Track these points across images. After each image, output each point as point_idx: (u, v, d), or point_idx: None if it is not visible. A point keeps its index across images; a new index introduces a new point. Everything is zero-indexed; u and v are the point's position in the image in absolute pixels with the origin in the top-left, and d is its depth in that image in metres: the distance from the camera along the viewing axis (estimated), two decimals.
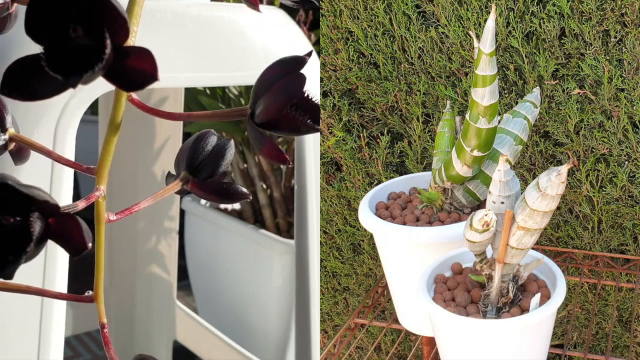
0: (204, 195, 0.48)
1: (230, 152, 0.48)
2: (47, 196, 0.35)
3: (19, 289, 0.45)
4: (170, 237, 1.57)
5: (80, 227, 0.36)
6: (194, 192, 0.48)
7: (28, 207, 0.35)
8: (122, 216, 0.44)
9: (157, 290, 1.56)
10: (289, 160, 0.40)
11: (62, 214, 0.36)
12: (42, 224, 0.35)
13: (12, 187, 0.33)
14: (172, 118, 0.43)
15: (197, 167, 0.47)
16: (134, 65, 0.34)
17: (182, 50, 0.77)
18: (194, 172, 0.48)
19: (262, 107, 0.40)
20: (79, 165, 0.43)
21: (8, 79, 0.35)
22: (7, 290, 0.44)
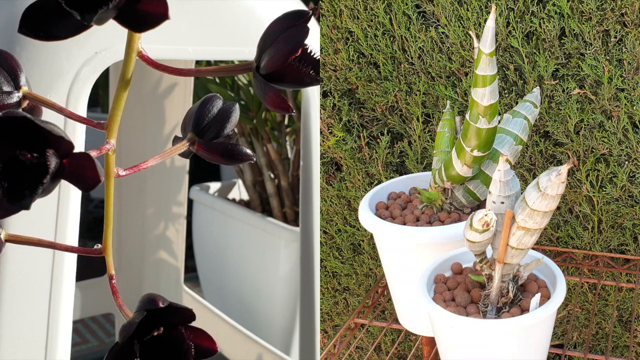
0: (209, 156, 0.49)
1: (235, 115, 0.49)
2: (62, 132, 0.36)
3: (30, 241, 0.46)
4: (179, 223, 1.59)
5: (95, 166, 0.37)
6: (199, 154, 0.49)
7: (44, 146, 0.36)
8: (131, 172, 0.45)
9: (165, 275, 1.58)
10: (292, 108, 0.41)
11: (77, 153, 0.37)
12: (57, 161, 0.36)
13: (31, 121, 0.34)
14: (181, 74, 0.44)
15: (203, 128, 0.49)
16: (145, 9, 0.35)
17: (191, 24, 0.80)
18: (200, 133, 0.49)
19: (267, 59, 0.41)
20: (90, 121, 0.44)
21: (27, 19, 0.35)
22: (19, 243, 0.46)
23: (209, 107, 0.49)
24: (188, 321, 0.42)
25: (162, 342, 0.42)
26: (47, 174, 0.35)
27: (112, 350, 0.41)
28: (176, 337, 0.42)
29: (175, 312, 0.41)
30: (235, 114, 0.49)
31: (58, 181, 0.37)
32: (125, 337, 0.40)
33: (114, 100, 0.42)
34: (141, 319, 0.40)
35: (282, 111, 0.42)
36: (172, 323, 0.42)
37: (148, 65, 0.43)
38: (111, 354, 0.41)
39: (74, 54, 0.73)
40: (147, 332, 0.41)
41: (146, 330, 0.41)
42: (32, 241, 0.47)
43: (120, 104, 0.42)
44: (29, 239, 0.46)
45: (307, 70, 0.41)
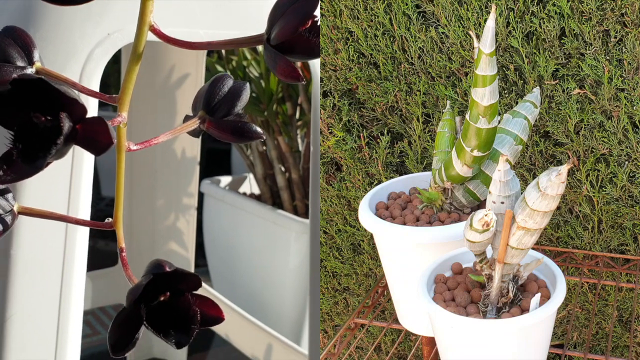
0: (219, 134, 0.49)
1: (246, 94, 0.50)
2: (76, 95, 0.37)
3: (43, 214, 0.47)
4: (189, 214, 1.61)
5: (107, 130, 0.38)
6: (209, 132, 0.49)
7: (58, 109, 0.37)
8: (142, 146, 0.45)
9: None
10: (302, 77, 0.41)
11: (90, 118, 0.38)
12: (70, 125, 0.37)
13: (46, 82, 0.35)
14: (193, 47, 0.45)
15: (214, 107, 0.49)
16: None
17: (205, 7, 0.81)
18: (210, 111, 0.49)
19: (277, 30, 0.41)
20: (102, 95, 0.45)
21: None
22: (32, 215, 0.47)
23: (219, 86, 0.49)
24: (194, 288, 0.42)
25: (169, 307, 0.42)
26: (61, 136, 0.36)
27: (120, 314, 0.42)
28: (182, 303, 0.42)
29: (181, 278, 0.41)
30: (245, 92, 0.49)
31: (71, 145, 0.38)
32: (132, 300, 0.41)
33: (125, 73, 0.43)
34: (148, 282, 0.40)
35: (293, 80, 0.42)
36: (179, 289, 0.42)
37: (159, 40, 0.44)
38: (118, 318, 0.42)
39: (87, 35, 0.74)
40: (154, 298, 0.42)
41: (153, 295, 0.42)
42: (44, 214, 0.47)
43: (132, 77, 0.42)
44: (41, 211, 0.47)
45: (317, 41, 0.42)
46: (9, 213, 0.45)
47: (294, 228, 1.68)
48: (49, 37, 0.73)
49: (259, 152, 1.87)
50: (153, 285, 0.41)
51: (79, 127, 0.38)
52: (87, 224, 0.50)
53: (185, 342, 0.42)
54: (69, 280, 0.77)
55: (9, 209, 0.45)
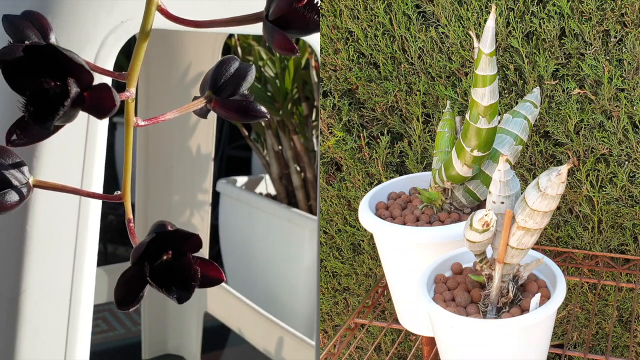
0: (224, 113, 0.51)
1: (252, 75, 0.51)
2: (82, 61, 0.40)
3: (56, 187, 0.49)
4: (204, 210, 1.62)
5: (112, 95, 0.41)
6: (215, 111, 0.51)
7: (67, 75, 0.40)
8: (150, 122, 0.47)
9: None
10: (297, 49, 0.43)
11: (96, 85, 0.41)
12: (77, 90, 0.40)
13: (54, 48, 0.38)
14: (196, 25, 0.47)
15: (220, 87, 0.51)
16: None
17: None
18: (216, 91, 0.51)
19: (274, 5, 0.44)
20: (112, 72, 0.47)
21: None
22: (46, 188, 0.49)
23: (226, 67, 0.51)
24: (196, 248, 0.45)
25: (171, 266, 0.45)
26: (68, 98, 0.39)
27: (125, 272, 0.44)
28: (184, 263, 0.45)
29: (183, 238, 0.44)
30: (251, 74, 0.51)
31: (78, 109, 0.41)
32: (136, 258, 0.43)
33: (134, 50, 0.45)
34: (150, 240, 0.42)
35: (288, 52, 0.43)
36: (182, 250, 0.45)
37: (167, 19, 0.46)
38: (124, 275, 0.45)
39: (101, 22, 0.76)
40: (157, 257, 0.44)
41: (157, 254, 0.44)
42: (57, 187, 0.49)
43: (140, 53, 0.44)
44: (54, 184, 0.49)
45: (312, 16, 0.43)
46: (25, 185, 0.47)
47: (308, 226, 1.69)
48: (64, 24, 0.75)
49: (274, 152, 1.88)
50: (156, 244, 0.43)
51: (87, 95, 0.41)
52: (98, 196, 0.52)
53: (186, 297, 0.44)
54: (81, 254, 0.79)
55: (24, 182, 0.47)
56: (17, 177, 0.47)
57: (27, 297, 0.77)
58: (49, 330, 0.79)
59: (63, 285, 0.79)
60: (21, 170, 0.47)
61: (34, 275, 0.77)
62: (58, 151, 0.75)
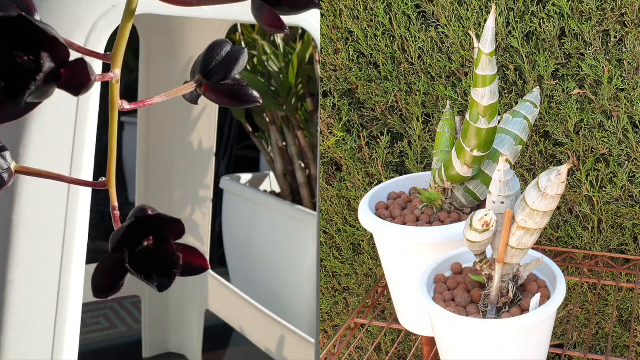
0: (216, 98, 0.49)
1: (244, 58, 0.49)
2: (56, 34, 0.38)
3: (40, 173, 0.47)
4: (205, 207, 1.60)
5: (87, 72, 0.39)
6: (206, 96, 0.49)
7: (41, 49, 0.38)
8: (136, 106, 0.46)
9: None
10: (286, 26, 0.42)
11: (73, 61, 0.39)
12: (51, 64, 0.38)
13: (27, 19, 0.37)
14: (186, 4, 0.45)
15: (211, 71, 0.49)
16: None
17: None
18: (207, 75, 0.49)
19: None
20: (97, 53, 0.45)
21: None
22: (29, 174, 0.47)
23: (217, 50, 0.49)
24: (178, 234, 0.43)
25: (153, 253, 0.43)
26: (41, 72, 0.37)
27: (104, 259, 0.43)
28: (166, 250, 0.43)
29: (165, 223, 0.42)
30: (243, 57, 0.49)
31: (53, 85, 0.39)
32: (115, 243, 0.41)
33: (119, 30, 0.43)
34: (129, 224, 0.41)
35: (276, 29, 0.42)
36: (164, 236, 0.43)
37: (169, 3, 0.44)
38: (102, 262, 0.43)
39: (92, 6, 0.75)
40: (138, 243, 0.43)
41: (137, 240, 0.43)
42: (41, 173, 0.47)
43: (125, 33, 0.43)
44: (38, 170, 0.47)
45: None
46: (6, 171, 0.45)
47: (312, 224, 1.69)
48: (53, 8, 0.74)
49: (279, 148, 1.88)
50: (136, 229, 0.42)
51: (64, 71, 0.39)
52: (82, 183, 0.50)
53: (167, 285, 0.43)
54: (70, 245, 0.78)
55: (5, 167, 0.45)
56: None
57: (14, 288, 0.75)
58: (36, 323, 0.77)
59: (51, 277, 0.77)
60: (2, 155, 0.46)
61: (20, 267, 0.75)
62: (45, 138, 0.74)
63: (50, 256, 0.77)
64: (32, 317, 0.77)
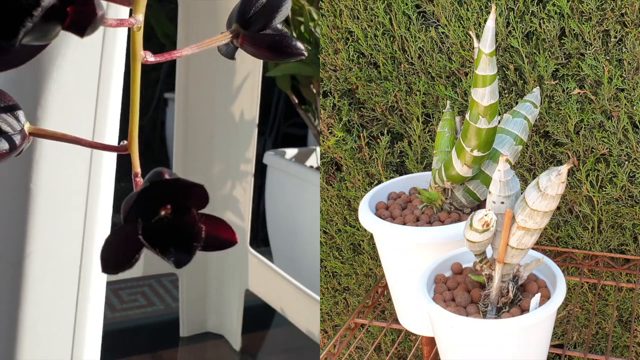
0: (254, 50, 0.43)
1: (286, 6, 0.44)
2: None
3: (55, 135, 0.43)
4: (246, 182, 1.53)
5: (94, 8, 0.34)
6: (243, 48, 0.44)
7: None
8: (162, 59, 0.41)
9: None
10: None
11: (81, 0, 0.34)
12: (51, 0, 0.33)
13: None
14: None
15: (249, 20, 0.43)
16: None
17: None
18: (245, 24, 0.44)
19: None
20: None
21: None
22: (44, 137, 0.43)
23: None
24: (201, 202, 0.38)
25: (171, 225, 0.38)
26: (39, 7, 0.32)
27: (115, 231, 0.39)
28: (186, 220, 0.38)
29: (186, 190, 0.37)
30: (285, 5, 0.44)
31: (56, 25, 0.34)
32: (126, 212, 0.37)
33: None
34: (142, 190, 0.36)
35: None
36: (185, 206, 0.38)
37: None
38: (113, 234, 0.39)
39: None
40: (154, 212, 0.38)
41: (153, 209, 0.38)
42: (56, 135, 0.43)
43: None
44: (53, 132, 0.43)
45: None
46: (19, 133, 0.41)
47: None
48: None
49: (315, 129, 1.80)
50: (151, 196, 0.37)
51: (70, 10, 0.34)
52: (101, 146, 0.45)
53: (185, 260, 0.38)
54: (93, 216, 0.72)
55: (18, 128, 0.41)
56: (9, 123, 0.40)
57: (33, 261, 0.69)
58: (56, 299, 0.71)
59: (72, 250, 0.72)
60: (15, 115, 0.41)
61: (39, 238, 0.69)
62: (65, 99, 0.67)
63: (71, 228, 0.72)
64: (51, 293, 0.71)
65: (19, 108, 0.41)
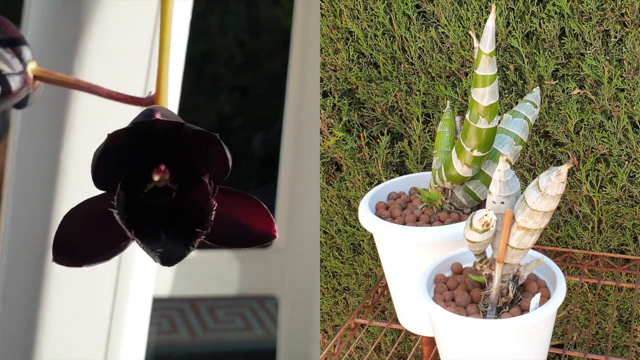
0: None
1: None
2: None
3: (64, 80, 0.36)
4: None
5: None
6: None
7: None
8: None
9: None
10: None
11: None
12: None
13: None
14: None
15: None
16: None
17: None
18: None
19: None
20: None
21: None
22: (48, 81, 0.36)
23: None
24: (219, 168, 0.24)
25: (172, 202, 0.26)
26: None
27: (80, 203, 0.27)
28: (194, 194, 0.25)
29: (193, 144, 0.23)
30: None
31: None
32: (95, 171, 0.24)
33: None
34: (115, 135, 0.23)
35: None
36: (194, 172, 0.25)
37: None
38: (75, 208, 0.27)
39: None
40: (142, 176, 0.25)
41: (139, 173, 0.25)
42: (65, 80, 0.36)
43: None
44: (62, 77, 0.36)
45: None
46: (19, 74, 0.32)
47: None
48: None
49: None
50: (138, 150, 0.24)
51: None
52: (122, 98, 0.35)
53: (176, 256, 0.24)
54: None
55: (18, 69, 0.32)
56: (6, 60, 0.31)
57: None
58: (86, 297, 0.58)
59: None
60: (16, 52, 0.32)
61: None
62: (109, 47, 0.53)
63: None
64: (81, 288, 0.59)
65: (23, 42, 0.32)
